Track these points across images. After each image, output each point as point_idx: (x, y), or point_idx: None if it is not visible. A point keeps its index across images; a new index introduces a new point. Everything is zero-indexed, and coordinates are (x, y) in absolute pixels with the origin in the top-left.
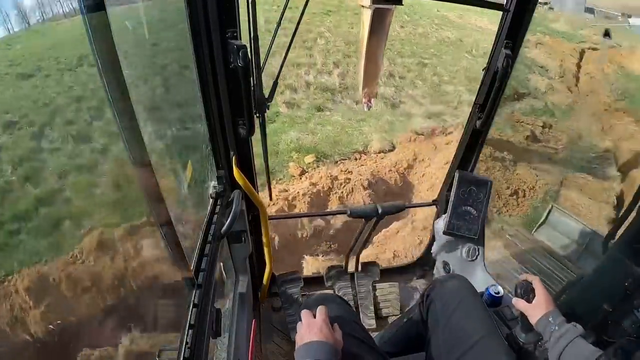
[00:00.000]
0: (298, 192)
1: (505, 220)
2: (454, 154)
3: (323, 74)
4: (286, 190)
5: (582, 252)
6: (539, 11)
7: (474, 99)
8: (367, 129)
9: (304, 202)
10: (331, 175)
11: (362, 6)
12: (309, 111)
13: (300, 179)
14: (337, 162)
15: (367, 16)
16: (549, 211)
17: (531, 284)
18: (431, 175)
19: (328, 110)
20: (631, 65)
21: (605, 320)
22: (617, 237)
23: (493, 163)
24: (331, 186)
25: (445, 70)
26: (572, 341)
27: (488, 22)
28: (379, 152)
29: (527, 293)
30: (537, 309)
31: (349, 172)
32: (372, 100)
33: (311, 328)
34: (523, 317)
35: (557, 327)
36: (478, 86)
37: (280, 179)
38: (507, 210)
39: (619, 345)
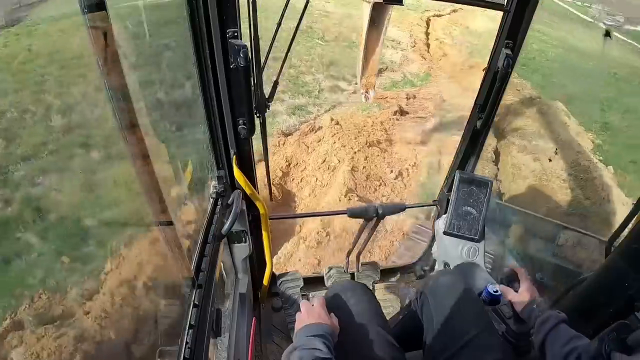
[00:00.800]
0: None
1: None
2: (320, 152)
3: None
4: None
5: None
6: None
7: (334, 84)
8: None
9: None
10: None
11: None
12: None
13: None
14: None
15: (367, 10)
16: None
17: (516, 274)
18: (310, 179)
19: None
20: (474, 24)
21: (605, 321)
22: (618, 238)
23: (370, 150)
24: None
25: (300, 60)
26: (555, 326)
27: (334, 5)
28: None
29: (512, 282)
30: (522, 298)
31: None
32: (371, 91)
33: (309, 313)
34: (513, 307)
35: (540, 314)
36: (337, 70)
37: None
38: (396, 195)
39: (611, 329)
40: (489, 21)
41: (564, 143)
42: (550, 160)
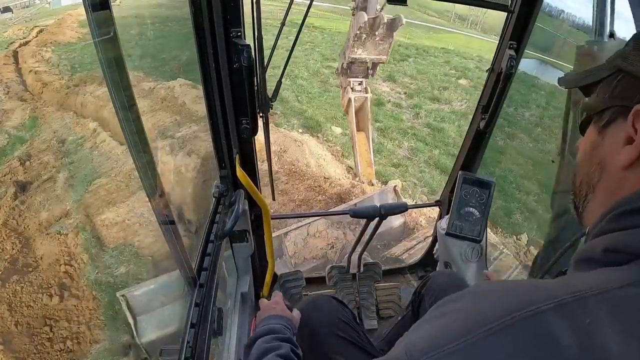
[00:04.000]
0: None
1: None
2: None
3: None
4: None
5: None
6: None
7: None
8: None
9: None
10: None
11: (350, 99)
12: None
13: None
14: None
15: (352, 108)
16: None
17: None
18: None
19: None
20: (62, 37)
21: None
22: None
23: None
24: None
25: None
26: None
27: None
28: None
29: None
30: None
31: None
32: (373, 180)
33: (267, 309)
34: None
35: None
36: None
37: None
38: None
39: None
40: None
41: None
42: None
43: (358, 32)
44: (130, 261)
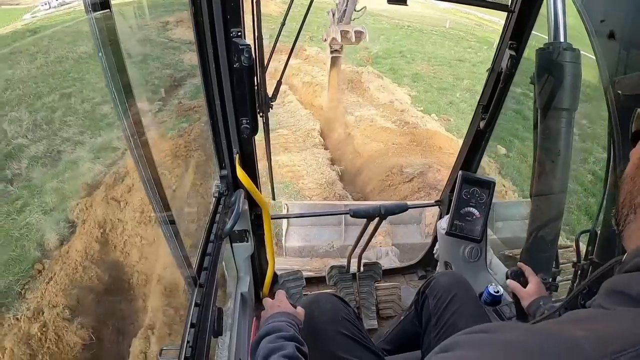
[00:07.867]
0: None
1: None
2: (134, 203)
3: None
4: None
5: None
6: None
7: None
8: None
9: None
10: None
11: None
12: None
13: None
14: None
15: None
16: None
17: (523, 271)
18: (134, 239)
19: None
20: (266, 9)
21: None
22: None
23: None
24: None
25: (95, 91)
26: None
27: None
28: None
29: (518, 277)
30: (529, 293)
31: None
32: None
33: (271, 307)
34: (517, 302)
35: (546, 311)
36: None
37: None
38: None
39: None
40: None
41: (384, 104)
42: None
43: (332, 40)
44: (291, 194)
